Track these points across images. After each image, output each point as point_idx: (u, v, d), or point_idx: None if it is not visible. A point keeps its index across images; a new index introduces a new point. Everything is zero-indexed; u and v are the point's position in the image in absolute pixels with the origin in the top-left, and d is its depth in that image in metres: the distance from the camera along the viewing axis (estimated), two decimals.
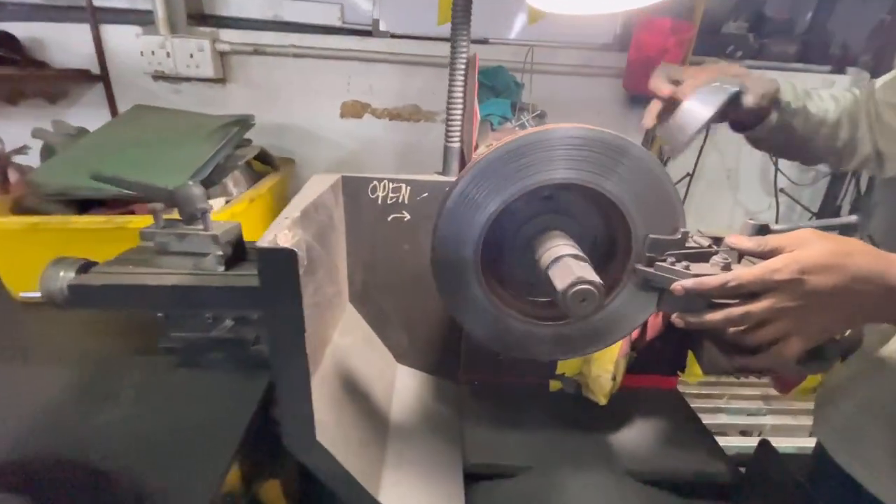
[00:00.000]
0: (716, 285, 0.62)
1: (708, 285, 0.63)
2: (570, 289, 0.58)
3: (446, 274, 0.72)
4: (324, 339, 0.82)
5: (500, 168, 0.66)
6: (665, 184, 0.68)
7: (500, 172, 0.66)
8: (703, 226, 0.82)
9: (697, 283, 0.64)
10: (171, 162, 1.22)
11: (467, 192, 0.67)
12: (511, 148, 0.65)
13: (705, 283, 0.63)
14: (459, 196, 0.67)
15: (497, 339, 0.78)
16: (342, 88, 1.91)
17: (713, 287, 0.62)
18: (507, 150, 0.65)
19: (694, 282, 0.64)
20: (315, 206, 0.75)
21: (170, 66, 1.74)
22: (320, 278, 0.79)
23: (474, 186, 0.67)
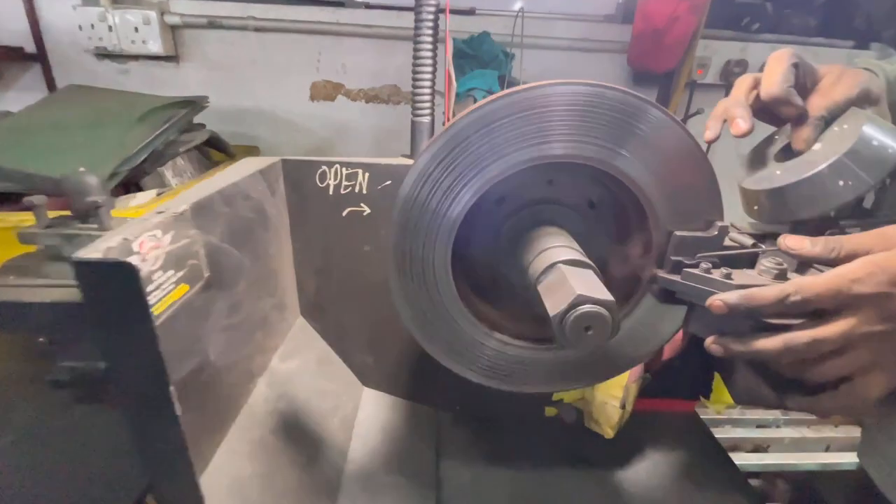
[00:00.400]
0: (771, 300, 0.45)
1: (761, 300, 0.45)
2: (570, 313, 0.40)
3: (407, 284, 0.54)
4: (249, 371, 0.64)
5: (474, 140, 0.47)
6: (698, 162, 0.50)
7: (475, 146, 0.47)
8: None
9: (746, 297, 0.46)
10: (95, 148, 1.03)
11: (430, 174, 0.49)
12: (488, 112, 0.46)
13: (757, 298, 0.45)
14: (420, 179, 0.49)
15: (476, 367, 0.60)
16: (311, 67, 1.71)
17: (768, 303, 0.45)
18: (482, 114, 0.46)
19: (741, 296, 0.46)
20: (226, 198, 0.56)
21: (112, 42, 1.54)
22: (241, 292, 0.60)
23: (440, 166, 0.48)
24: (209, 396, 0.53)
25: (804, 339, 0.45)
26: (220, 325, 0.55)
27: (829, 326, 0.44)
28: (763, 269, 0.51)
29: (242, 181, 0.60)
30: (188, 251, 0.47)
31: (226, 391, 0.57)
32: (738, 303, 0.46)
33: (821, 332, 0.45)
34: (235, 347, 0.59)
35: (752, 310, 0.46)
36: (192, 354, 0.49)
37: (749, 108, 0.56)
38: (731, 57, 1.72)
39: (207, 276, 0.51)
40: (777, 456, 1.47)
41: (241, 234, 0.60)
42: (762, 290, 0.45)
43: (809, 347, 0.45)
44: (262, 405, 0.65)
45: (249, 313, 0.63)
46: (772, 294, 0.45)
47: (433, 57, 0.81)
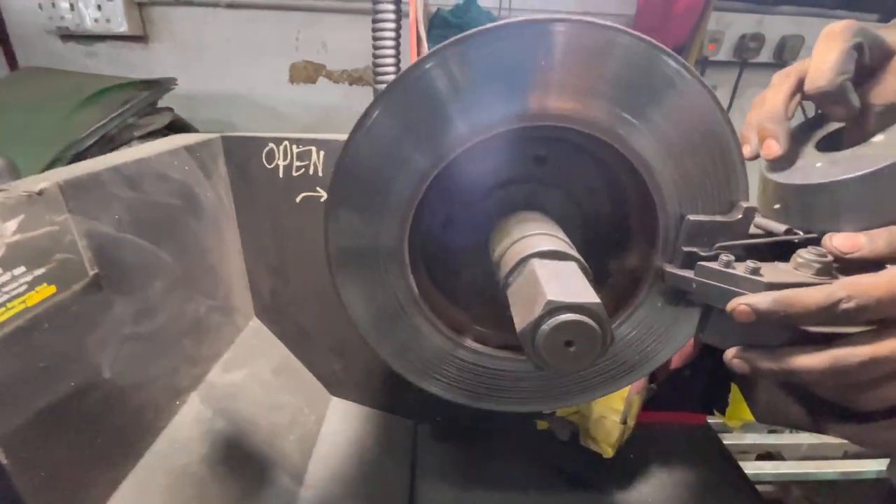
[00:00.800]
0: (816, 306, 0.34)
1: (802, 306, 0.35)
2: (541, 325, 0.29)
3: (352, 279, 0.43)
4: (171, 386, 0.53)
5: (433, 92, 0.36)
6: (717, 126, 0.38)
7: (435, 101, 0.36)
8: None
9: (782, 301, 0.35)
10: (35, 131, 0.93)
11: (379, 132, 0.37)
12: (452, 54, 0.35)
13: (797, 303, 0.35)
14: (366, 138, 0.38)
15: (440, 380, 0.49)
16: (289, 46, 1.59)
17: (811, 310, 0.34)
18: (444, 57, 0.35)
19: (776, 300, 0.35)
20: (126, 178, 0.45)
21: (75, 21, 1.44)
22: (157, 294, 0.50)
23: (392, 121, 0.37)
24: (102, 423, 0.43)
25: (859, 357, 0.34)
26: (120, 335, 0.44)
27: (893, 342, 0.33)
28: (801, 261, 0.39)
29: (155, 158, 0.49)
30: (54, 242, 0.36)
31: (131, 414, 0.46)
32: (771, 309, 0.35)
33: (882, 348, 0.33)
34: (148, 360, 0.49)
35: (789, 318, 0.35)
36: (64, 375, 0.38)
37: (786, 124, 0.43)
38: (747, 31, 1.58)
39: (94, 275, 0.41)
40: (793, 465, 1.36)
41: (156, 224, 0.50)
42: (804, 293, 0.34)
43: (865, 368, 0.34)
44: (191, 427, 0.54)
45: (171, 319, 0.52)
46: (817, 299, 0.33)
47: (396, 29, 0.70)
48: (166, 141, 0.55)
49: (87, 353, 0.41)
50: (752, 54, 1.62)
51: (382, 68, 0.69)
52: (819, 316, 0.34)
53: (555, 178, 0.47)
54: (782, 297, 0.35)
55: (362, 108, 0.39)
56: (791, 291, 0.36)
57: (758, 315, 0.36)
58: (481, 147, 0.39)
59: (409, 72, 0.37)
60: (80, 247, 0.39)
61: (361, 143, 0.39)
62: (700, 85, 0.38)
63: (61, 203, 0.38)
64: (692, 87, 0.38)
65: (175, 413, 0.54)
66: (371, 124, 0.38)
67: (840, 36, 0.40)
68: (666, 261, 0.43)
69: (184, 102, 1.57)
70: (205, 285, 0.60)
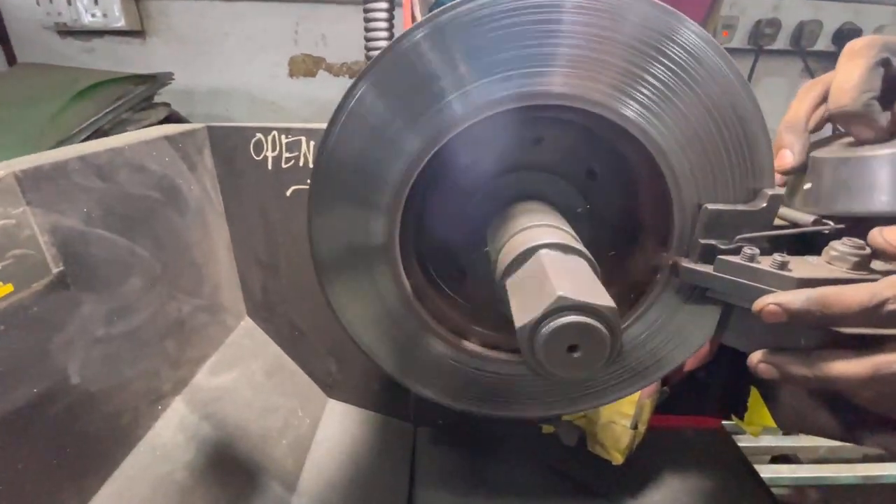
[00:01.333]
0: (858, 307, 0.31)
1: (841, 306, 0.32)
2: (544, 324, 0.25)
3: (338, 277, 0.40)
4: (152, 391, 0.50)
5: (429, 59, 0.32)
6: (739, 106, 0.34)
7: (428, 75, 0.32)
8: None
9: (819, 300, 0.31)
10: (26, 126, 0.90)
11: (365, 111, 0.34)
12: (446, 21, 0.31)
13: (835, 303, 0.31)
14: (350, 119, 0.34)
15: (441, 386, 0.46)
16: (289, 39, 1.56)
17: (852, 311, 0.31)
18: (437, 26, 0.32)
19: (811, 298, 0.31)
20: (96, 168, 0.42)
21: (71, 17, 1.42)
22: (133, 292, 0.47)
23: (379, 99, 0.34)
24: (71, 431, 0.40)
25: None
26: (90, 336, 0.41)
27: None
28: (835, 254, 0.35)
29: (130, 148, 0.46)
30: (8, 238, 0.33)
31: (105, 421, 0.43)
32: (805, 308, 0.31)
33: None
34: (123, 363, 0.46)
35: (826, 319, 0.31)
36: (24, 380, 0.35)
37: (805, 135, 0.40)
38: (763, 16, 1.52)
39: (59, 272, 0.38)
40: (810, 468, 1.30)
41: (131, 218, 0.46)
42: (845, 291, 0.31)
43: None
44: (174, 433, 0.52)
45: (151, 318, 0.49)
46: (861, 298, 0.30)
47: (389, 18, 0.67)
48: (145, 131, 0.52)
49: (52, 356, 0.38)
50: (768, 41, 1.55)
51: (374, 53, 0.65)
52: (861, 318, 0.30)
53: (559, 164, 0.44)
54: (820, 295, 0.31)
55: None
56: (830, 289, 0.32)
57: (790, 316, 0.32)
58: (476, 130, 0.35)
59: (398, 42, 0.33)
60: (42, 242, 0.36)
61: (346, 125, 0.35)
62: (722, 59, 0.34)
63: (17, 195, 0.35)
64: (713, 62, 0.34)
65: (157, 418, 0.51)
66: (355, 103, 0.35)
67: (863, 52, 0.36)
68: (681, 255, 0.39)
69: (182, 97, 1.55)
70: (188, 283, 0.57)
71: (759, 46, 1.57)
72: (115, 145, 0.44)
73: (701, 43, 0.34)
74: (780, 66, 1.65)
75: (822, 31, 1.55)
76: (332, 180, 0.37)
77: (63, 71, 1.19)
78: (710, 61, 0.34)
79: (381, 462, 0.73)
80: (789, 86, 1.70)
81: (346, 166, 0.36)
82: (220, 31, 1.53)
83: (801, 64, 1.61)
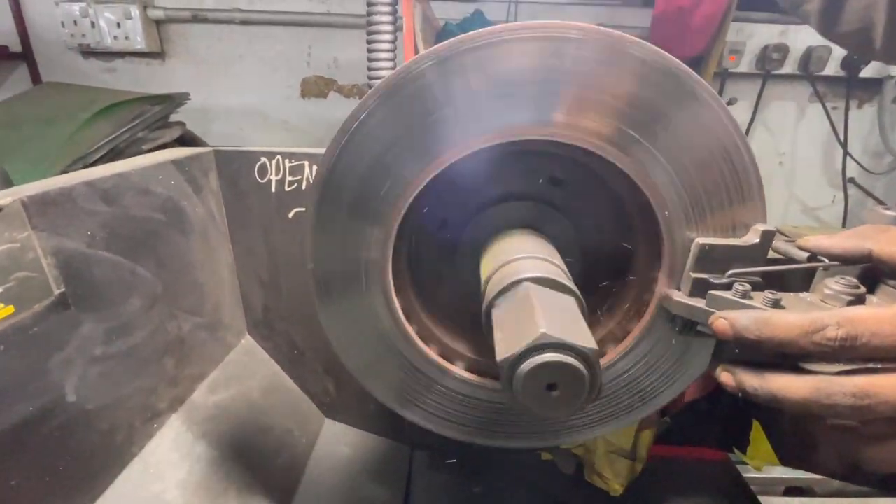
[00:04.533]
0: (797, 332, 0.30)
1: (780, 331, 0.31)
2: (525, 361, 0.25)
3: (334, 300, 0.41)
4: (149, 408, 0.51)
5: (424, 99, 0.33)
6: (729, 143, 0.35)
7: (426, 109, 0.33)
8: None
9: (761, 321, 0.32)
10: (43, 144, 0.94)
11: (364, 141, 0.35)
12: (447, 56, 0.33)
13: (776, 326, 0.31)
14: (350, 147, 0.35)
15: (432, 414, 0.46)
16: (301, 62, 1.61)
17: (789, 336, 0.30)
18: (438, 59, 0.33)
19: (753, 318, 0.32)
20: (102, 192, 0.43)
21: (95, 39, 1.48)
22: (133, 312, 0.48)
23: (380, 127, 0.35)
24: (66, 448, 0.40)
25: (848, 389, 0.29)
26: (88, 355, 0.42)
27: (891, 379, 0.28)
28: (829, 293, 0.35)
29: (136, 172, 0.48)
30: (12, 261, 0.35)
31: (100, 439, 0.44)
32: (747, 326, 0.31)
33: (874, 384, 0.29)
34: (120, 381, 0.46)
35: (768, 341, 0.31)
36: (22, 398, 0.36)
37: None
38: (769, 42, 1.53)
39: (60, 294, 0.39)
40: (825, 501, 1.25)
41: (135, 239, 0.48)
42: (787, 316, 0.31)
43: (857, 406, 0.29)
44: (169, 451, 0.52)
45: (150, 337, 0.50)
46: (800, 322, 0.30)
47: (392, 41, 0.70)
48: (154, 155, 0.54)
49: (50, 374, 0.39)
50: (776, 65, 1.55)
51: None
52: (802, 342, 0.30)
53: (551, 195, 0.44)
54: (765, 317, 0.31)
55: None
56: (776, 313, 0.32)
57: (735, 332, 0.32)
58: (470, 160, 0.36)
59: (404, 70, 0.34)
60: (45, 265, 0.38)
61: (347, 148, 0.36)
62: (712, 99, 0.35)
63: (23, 219, 0.36)
64: (704, 102, 0.34)
65: (151, 436, 0.51)
66: (358, 126, 0.36)
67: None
68: (673, 288, 0.39)
69: (199, 116, 1.60)
70: (189, 302, 0.58)
71: (767, 71, 1.57)
72: (122, 170, 0.46)
73: (692, 84, 0.34)
74: (789, 90, 1.65)
75: (831, 56, 1.54)
76: (332, 201, 0.38)
77: (83, 91, 1.24)
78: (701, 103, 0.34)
79: (376, 484, 0.72)
80: (798, 110, 1.69)
81: (346, 191, 0.37)
82: (236, 54, 1.58)
83: (809, 88, 1.61)
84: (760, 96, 1.59)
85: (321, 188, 0.37)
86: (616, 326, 0.42)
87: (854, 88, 1.62)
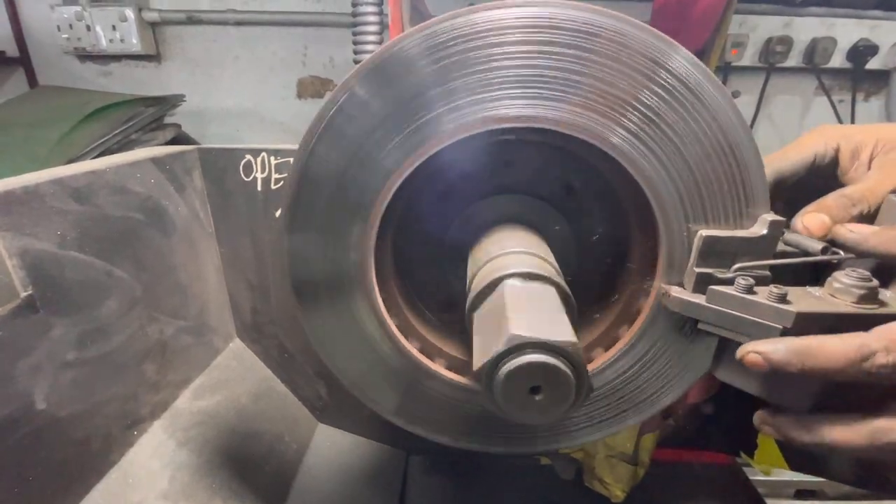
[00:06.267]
0: (843, 363, 0.28)
1: (824, 362, 0.29)
2: (501, 366, 0.23)
3: (315, 301, 0.39)
4: (128, 415, 0.49)
5: (405, 82, 0.31)
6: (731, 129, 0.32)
7: (409, 92, 0.31)
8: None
9: (800, 352, 0.29)
10: (34, 147, 0.93)
11: (342, 128, 0.33)
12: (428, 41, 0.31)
13: (818, 356, 0.29)
14: (328, 133, 0.33)
15: (419, 417, 0.44)
16: (297, 62, 1.60)
17: (835, 366, 0.28)
18: (423, 43, 0.31)
19: (792, 350, 0.30)
20: (72, 190, 0.41)
21: (91, 42, 1.48)
22: (109, 315, 0.46)
23: (360, 112, 0.33)
24: (35, 458, 0.38)
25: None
26: (59, 360, 0.40)
27: None
28: (839, 287, 0.32)
29: (111, 170, 0.46)
30: None
31: (74, 448, 0.42)
32: (786, 360, 0.29)
33: None
34: (95, 387, 0.44)
35: (810, 373, 0.29)
36: None
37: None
38: (773, 34, 1.49)
39: (27, 296, 0.37)
40: None
41: (110, 240, 0.46)
42: (828, 343, 0.28)
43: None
44: (149, 459, 0.50)
45: (128, 341, 0.48)
46: (844, 351, 0.28)
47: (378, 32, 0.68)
48: (131, 153, 0.52)
49: (16, 381, 0.37)
50: (780, 58, 1.52)
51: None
52: (848, 372, 0.28)
53: (540, 187, 0.42)
54: (802, 347, 0.29)
55: None
56: (813, 340, 0.29)
57: (771, 366, 0.29)
58: (453, 150, 0.34)
59: (389, 47, 0.32)
60: (10, 266, 0.36)
61: (322, 138, 0.34)
62: (711, 84, 0.32)
63: None
64: (702, 87, 0.32)
65: (131, 444, 0.49)
66: (334, 113, 0.34)
67: None
68: (673, 283, 0.37)
69: (195, 119, 1.59)
70: (172, 304, 0.56)
71: (771, 64, 1.54)
72: (95, 167, 0.44)
73: (688, 67, 0.32)
74: (794, 83, 1.62)
75: (837, 48, 1.51)
76: (309, 204, 0.36)
77: (77, 93, 1.23)
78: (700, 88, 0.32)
79: (370, 490, 0.70)
80: (803, 103, 1.66)
81: (323, 185, 0.35)
82: (231, 55, 1.57)
83: (815, 81, 1.57)
84: (764, 90, 1.56)
85: (296, 184, 0.35)
86: (611, 325, 0.40)
87: (860, 80, 1.59)
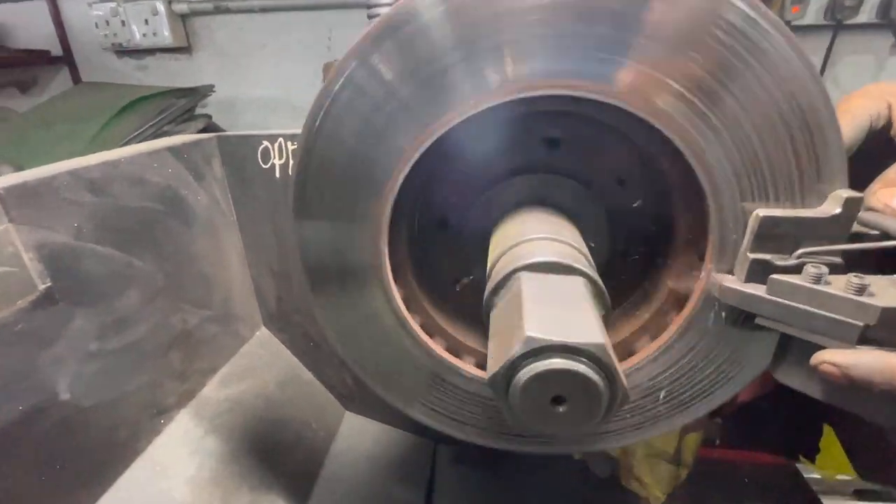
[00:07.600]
0: None
1: None
2: (516, 370, 0.19)
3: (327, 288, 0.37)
4: (154, 404, 0.50)
5: (423, 47, 0.29)
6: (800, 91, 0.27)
7: (426, 60, 0.29)
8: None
9: (886, 370, 0.25)
10: (73, 141, 0.96)
11: (353, 96, 0.30)
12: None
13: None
14: (336, 105, 0.30)
15: (441, 413, 0.42)
16: (322, 46, 1.59)
17: None
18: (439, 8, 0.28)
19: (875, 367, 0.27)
20: (88, 182, 0.41)
21: (126, 36, 1.52)
22: (131, 306, 0.46)
23: (373, 80, 0.29)
24: (62, 448, 0.39)
25: None
26: (83, 351, 0.41)
27: None
28: None
29: (126, 160, 0.45)
30: None
31: (101, 437, 0.43)
32: (868, 378, 0.24)
33: None
34: (120, 377, 0.45)
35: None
36: (9, 398, 0.35)
37: None
38: None
39: (46, 288, 0.37)
40: None
41: (129, 230, 0.46)
42: None
43: None
44: (177, 447, 0.51)
45: (152, 331, 0.49)
46: None
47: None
48: (148, 143, 0.52)
49: (40, 372, 0.37)
50: (849, 14, 1.35)
51: None
52: None
53: (572, 165, 0.37)
54: (888, 367, 0.24)
55: None
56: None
57: (851, 382, 0.25)
58: (477, 122, 0.30)
59: (397, 9, 0.29)
60: (26, 259, 0.36)
61: (330, 113, 0.32)
62: (780, 35, 0.27)
63: (0, 212, 0.34)
64: (768, 40, 0.27)
65: (158, 433, 0.50)
66: (343, 84, 0.31)
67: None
68: (724, 271, 0.32)
69: (227, 108, 1.61)
70: (196, 294, 0.56)
71: (838, 21, 1.37)
72: (110, 158, 0.44)
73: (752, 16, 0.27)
74: (865, 42, 1.44)
75: None
76: (319, 189, 0.34)
77: (112, 88, 1.27)
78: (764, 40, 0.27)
79: (397, 479, 0.70)
80: (876, 64, 1.48)
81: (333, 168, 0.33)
82: (259, 43, 1.58)
83: (891, 38, 1.39)
84: (830, 51, 1.40)
85: (301, 166, 0.33)
86: (652, 319, 0.35)
87: None
